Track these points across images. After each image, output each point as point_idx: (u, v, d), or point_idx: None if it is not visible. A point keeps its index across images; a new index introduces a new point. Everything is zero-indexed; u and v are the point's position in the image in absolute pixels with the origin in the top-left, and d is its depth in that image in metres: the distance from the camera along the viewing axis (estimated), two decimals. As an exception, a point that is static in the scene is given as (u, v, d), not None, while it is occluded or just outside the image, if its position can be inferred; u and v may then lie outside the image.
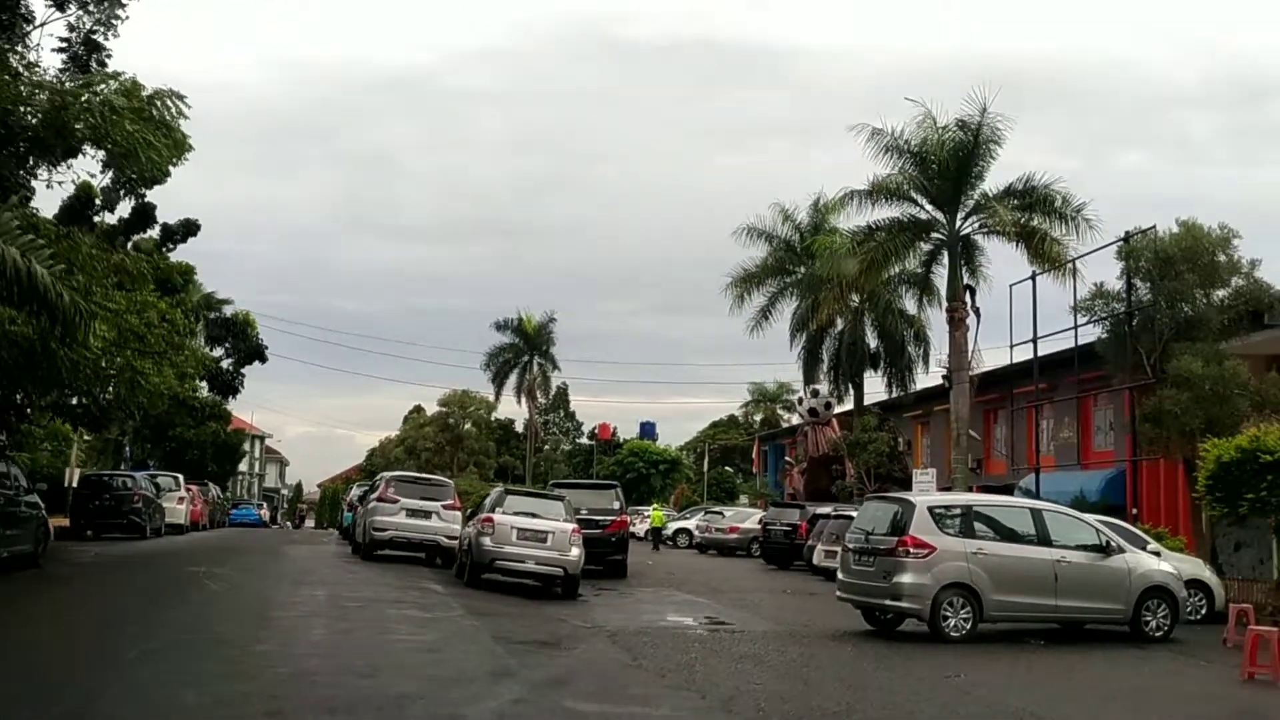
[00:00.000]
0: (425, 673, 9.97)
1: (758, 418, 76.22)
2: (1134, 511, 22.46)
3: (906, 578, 14.14)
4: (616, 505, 24.05)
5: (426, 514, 23.11)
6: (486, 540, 18.77)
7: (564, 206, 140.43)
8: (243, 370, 35.89)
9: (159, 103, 20.55)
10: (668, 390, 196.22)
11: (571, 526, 19.06)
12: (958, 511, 15.08)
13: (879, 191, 31.18)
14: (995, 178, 30.41)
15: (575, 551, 18.72)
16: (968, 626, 14.11)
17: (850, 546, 15.59)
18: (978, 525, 14.83)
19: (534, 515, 19.20)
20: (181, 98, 20.78)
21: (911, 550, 14.20)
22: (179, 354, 24.54)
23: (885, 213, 31.42)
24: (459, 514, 23.62)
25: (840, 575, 15.81)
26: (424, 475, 29.21)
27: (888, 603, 14.60)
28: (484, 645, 11.94)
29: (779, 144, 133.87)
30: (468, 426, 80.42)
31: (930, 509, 14.81)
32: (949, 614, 14.08)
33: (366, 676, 9.56)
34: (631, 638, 13.40)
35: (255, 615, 13.35)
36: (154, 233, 35.15)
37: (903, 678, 11.33)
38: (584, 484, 30.35)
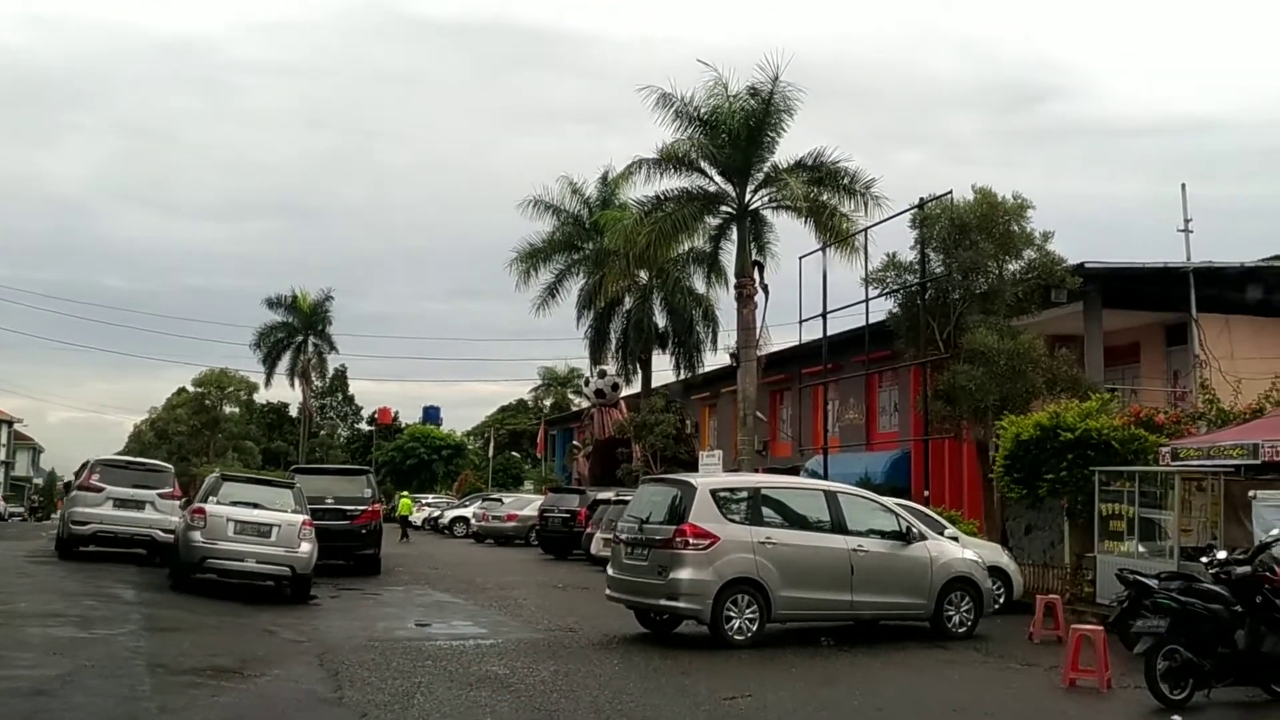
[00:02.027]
0: (6, 731, 7.05)
1: (548, 402, 74.46)
2: (926, 494, 21.26)
3: (685, 573, 12.05)
4: (368, 493, 21.08)
5: (139, 504, 19.71)
6: (196, 535, 15.70)
7: (353, 186, 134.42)
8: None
9: None
10: (457, 374, 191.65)
11: (301, 519, 16.16)
12: (744, 495, 13.08)
13: (668, 159, 29.47)
14: (784, 155, 29.22)
15: (305, 547, 15.87)
16: (754, 628, 12.17)
17: (622, 538, 13.34)
18: (766, 511, 12.87)
19: (256, 506, 16.25)
20: None
21: (691, 541, 12.11)
22: None
23: (675, 183, 29.95)
24: (179, 504, 20.26)
25: (610, 570, 13.55)
26: (138, 460, 25.33)
27: (663, 603, 12.46)
28: (129, 678, 8.94)
29: (576, 129, 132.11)
30: (228, 409, 74.53)
31: (713, 493, 12.70)
32: (733, 614, 12.11)
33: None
34: (348, 656, 10.71)
35: None
36: None
37: (676, 701, 9.13)
38: (330, 469, 27.14)
